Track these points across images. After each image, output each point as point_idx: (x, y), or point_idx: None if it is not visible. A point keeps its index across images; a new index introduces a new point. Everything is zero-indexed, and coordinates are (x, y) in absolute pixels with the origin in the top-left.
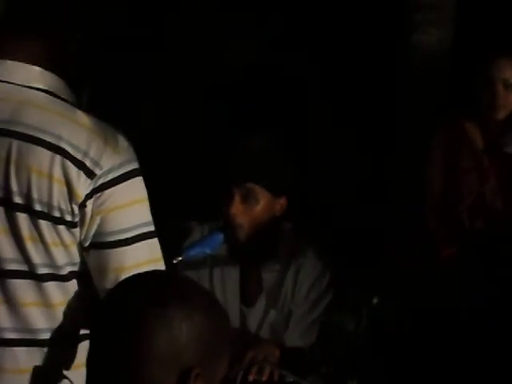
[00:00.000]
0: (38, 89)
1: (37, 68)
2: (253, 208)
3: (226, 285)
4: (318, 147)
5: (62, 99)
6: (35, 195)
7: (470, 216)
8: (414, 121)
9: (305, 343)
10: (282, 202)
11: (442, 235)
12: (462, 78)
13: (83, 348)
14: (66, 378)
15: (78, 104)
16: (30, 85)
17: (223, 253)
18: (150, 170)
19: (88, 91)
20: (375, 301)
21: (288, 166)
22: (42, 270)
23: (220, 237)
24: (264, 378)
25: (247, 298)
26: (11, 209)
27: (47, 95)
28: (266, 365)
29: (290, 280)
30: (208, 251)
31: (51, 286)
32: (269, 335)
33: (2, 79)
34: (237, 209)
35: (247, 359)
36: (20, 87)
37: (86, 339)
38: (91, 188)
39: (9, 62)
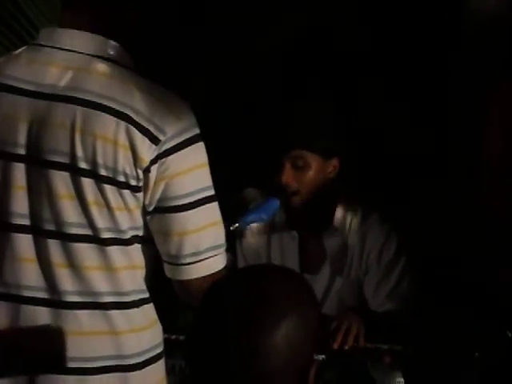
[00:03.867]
0: (100, 57)
1: (99, 36)
2: (305, 173)
3: (284, 253)
4: (368, 118)
5: (124, 66)
6: (100, 160)
7: None
8: (466, 92)
9: (395, 306)
10: (334, 163)
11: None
12: None
13: (144, 311)
14: None
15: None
16: (92, 53)
17: (280, 220)
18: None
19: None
20: None
21: (336, 128)
22: (106, 235)
23: (276, 203)
24: (347, 346)
25: (310, 266)
26: (76, 174)
27: (110, 63)
28: (349, 333)
29: (355, 245)
30: (265, 217)
31: (114, 250)
32: (336, 303)
33: (65, 47)
34: (288, 176)
35: (332, 328)
36: (82, 55)
37: (147, 303)
38: (156, 153)
39: (71, 30)
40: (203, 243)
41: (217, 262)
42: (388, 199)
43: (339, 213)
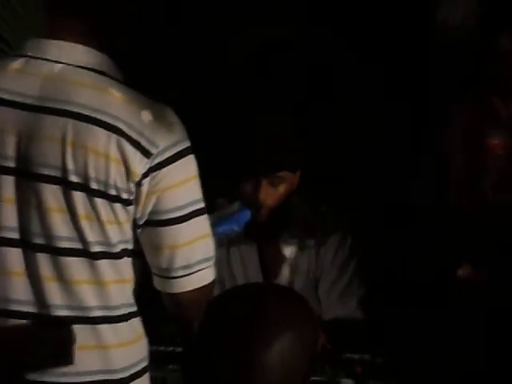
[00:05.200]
0: (89, 68)
1: (87, 48)
2: (279, 189)
3: (245, 263)
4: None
5: (113, 78)
6: (92, 174)
7: (495, 193)
8: (445, 98)
9: (345, 311)
10: (298, 174)
11: (469, 209)
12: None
13: (132, 325)
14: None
15: (127, 82)
16: (80, 64)
17: (238, 231)
18: None
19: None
20: None
21: (302, 142)
22: (96, 248)
23: (248, 214)
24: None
25: (269, 271)
26: (67, 188)
27: (98, 75)
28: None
29: (311, 248)
30: (236, 228)
31: (104, 264)
32: None
33: (54, 59)
34: (266, 193)
35: None
36: (71, 67)
37: (135, 316)
38: (148, 167)
39: (58, 41)
40: (194, 256)
41: (208, 274)
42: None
43: (296, 216)
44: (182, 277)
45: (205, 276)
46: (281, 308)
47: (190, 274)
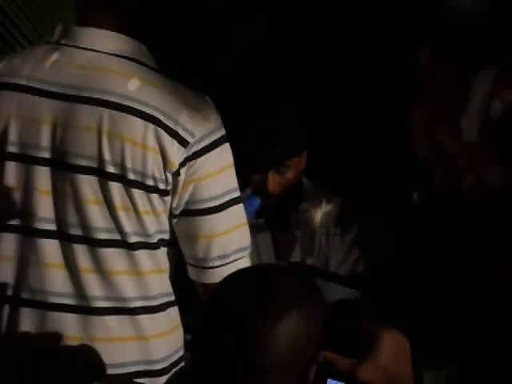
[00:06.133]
0: (123, 56)
1: (120, 35)
2: (286, 176)
3: (259, 248)
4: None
5: (147, 66)
6: (129, 164)
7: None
8: None
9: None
10: (304, 156)
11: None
12: None
13: (169, 315)
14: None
15: (161, 70)
16: (114, 52)
17: (252, 218)
18: None
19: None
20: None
21: (303, 126)
22: (133, 239)
23: (257, 201)
24: None
25: (282, 252)
26: (104, 179)
27: (133, 63)
28: None
29: (321, 237)
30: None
31: (141, 255)
32: None
33: (86, 47)
34: (274, 182)
35: None
36: (105, 55)
37: (172, 306)
38: (184, 156)
39: (91, 29)
40: (231, 245)
41: (244, 264)
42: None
43: (305, 196)
44: (218, 267)
45: (241, 265)
46: (291, 288)
47: (227, 263)
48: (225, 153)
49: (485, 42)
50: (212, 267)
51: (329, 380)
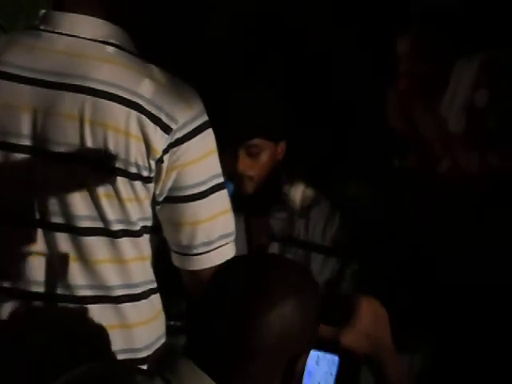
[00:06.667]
0: (104, 42)
1: (101, 21)
2: (259, 160)
3: None
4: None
5: (129, 52)
6: (112, 152)
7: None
8: None
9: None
10: (281, 146)
11: None
12: None
13: (151, 302)
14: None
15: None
16: (95, 38)
17: None
18: None
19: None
20: None
21: (283, 111)
22: (116, 227)
23: (230, 187)
24: None
25: (258, 246)
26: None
27: (115, 48)
28: None
29: (300, 224)
30: None
31: (124, 242)
32: None
33: (67, 33)
34: (245, 164)
35: None
36: (85, 40)
37: (154, 293)
38: (168, 143)
39: (71, 14)
40: (215, 232)
41: (228, 250)
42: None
43: (284, 191)
44: (202, 254)
45: (225, 252)
46: (288, 277)
47: (211, 250)
48: (208, 138)
49: (466, 29)
50: (196, 254)
51: (313, 351)
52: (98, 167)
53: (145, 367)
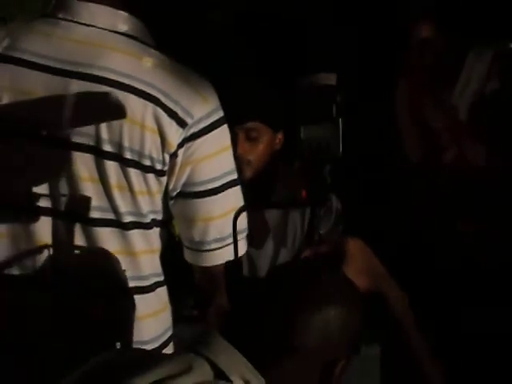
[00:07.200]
0: (122, 33)
1: (119, 11)
2: (257, 145)
3: None
4: None
5: (147, 44)
6: (126, 143)
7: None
8: None
9: None
10: (279, 136)
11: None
12: None
13: (158, 295)
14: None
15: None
16: (113, 29)
17: None
18: None
19: None
20: None
21: (281, 101)
22: (127, 219)
23: None
24: None
25: (253, 240)
26: (100, 157)
27: (133, 41)
28: None
29: (296, 218)
30: None
31: (135, 235)
32: None
33: (85, 22)
34: (243, 147)
35: None
36: (104, 31)
37: (161, 286)
38: (182, 137)
39: (91, 4)
40: (227, 228)
41: (240, 247)
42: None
43: (281, 182)
44: (215, 250)
45: (239, 248)
46: (334, 284)
47: (223, 246)
48: (223, 135)
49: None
50: (209, 250)
51: None
52: (112, 158)
53: None
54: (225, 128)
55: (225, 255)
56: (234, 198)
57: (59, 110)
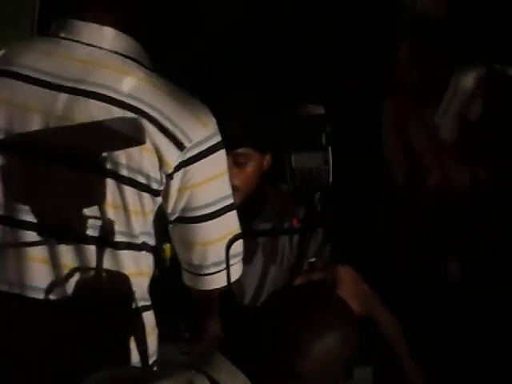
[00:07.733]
0: (123, 55)
1: (120, 33)
2: (245, 170)
3: None
4: None
5: (143, 65)
6: (124, 161)
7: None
8: None
9: None
10: (267, 158)
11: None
12: None
13: (146, 319)
14: None
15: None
16: (111, 49)
17: None
18: None
19: None
20: None
21: (269, 124)
22: (119, 238)
23: None
24: None
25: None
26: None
27: (129, 60)
28: None
29: (285, 236)
30: None
31: (125, 255)
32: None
33: (87, 42)
34: (231, 173)
35: None
36: (102, 51)
37: (147, 310)
38: (180, 160)
39: (92, 24)
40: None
41: (236, 270)
42: None
43: (268, 202)
44: (213, 274)
45: (235, 271)
46: (338, 312)
47: (221, 270)
48: (220, 159)
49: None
50: (207, 274)
51: None
52: (109, 176)
53: None
54: (222, 153)
55: (224, 278)
56: (232, 222)
57: (55, 126)
